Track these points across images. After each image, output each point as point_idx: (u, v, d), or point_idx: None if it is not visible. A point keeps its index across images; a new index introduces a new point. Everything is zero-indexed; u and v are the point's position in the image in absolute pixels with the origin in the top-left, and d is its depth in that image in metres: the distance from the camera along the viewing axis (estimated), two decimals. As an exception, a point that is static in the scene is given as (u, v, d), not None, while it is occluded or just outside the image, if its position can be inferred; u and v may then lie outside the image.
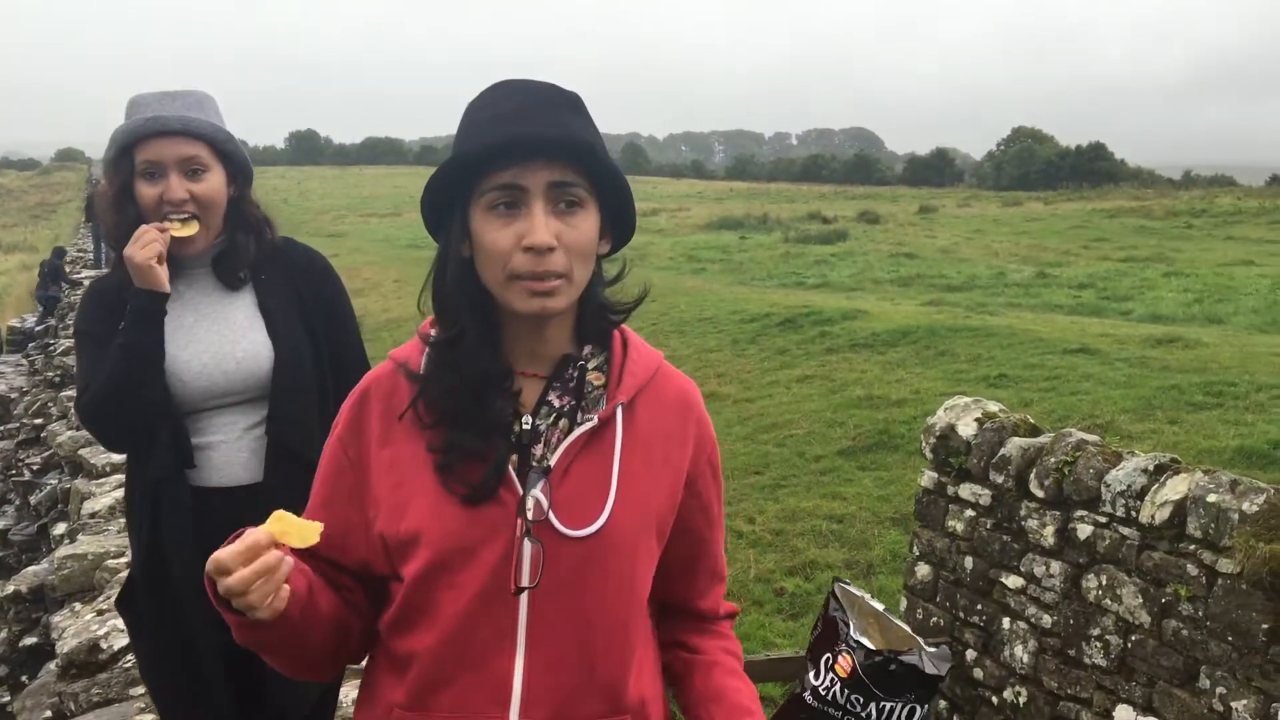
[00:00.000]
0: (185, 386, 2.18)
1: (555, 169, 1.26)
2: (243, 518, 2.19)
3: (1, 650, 5.79)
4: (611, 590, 1.33)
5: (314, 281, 2.37)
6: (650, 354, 1.45)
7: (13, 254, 37.91)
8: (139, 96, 2.18)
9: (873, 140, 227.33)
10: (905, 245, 25.11)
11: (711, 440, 1.48)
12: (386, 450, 1.38)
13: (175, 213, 2.15)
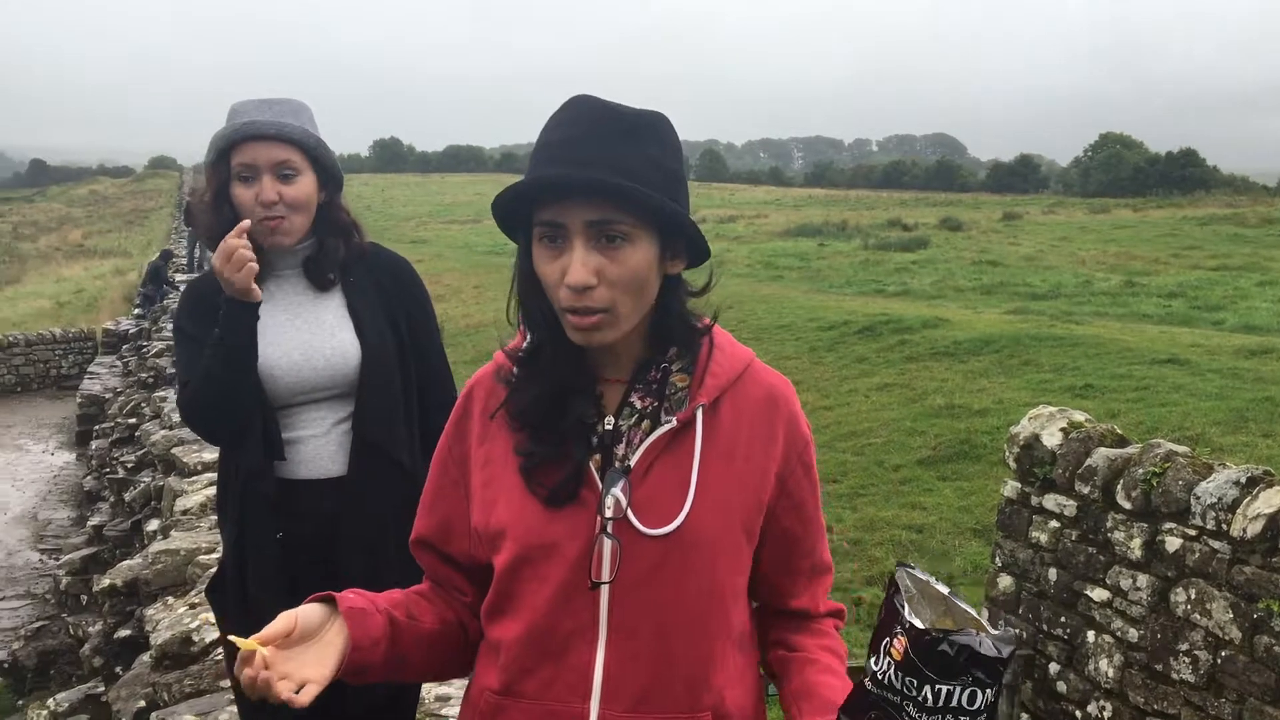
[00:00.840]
0: (276, 382, 2.25)
1: (593, 207, 1.27)
2: (327, 509, 2.27)
3: (97, 642, 5.98)
4: (690, 589, 1.34)
5: (400, 285, 2.44)
6: (738, 354, 1.44)
7: (108, 259, 39.13)
8: (239, 104, 2.26)
9: (955, 146, 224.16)
10: (988, 253, 24.74)
11: (804, 438, 1.45)
12: (484, 447, 1.44)
13: (268, 217, 2.22)
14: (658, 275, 1.34)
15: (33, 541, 11.58)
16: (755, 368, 1.45)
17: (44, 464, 15.36)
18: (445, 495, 1.50)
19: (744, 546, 1.40)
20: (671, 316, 1.39)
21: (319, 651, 1.32)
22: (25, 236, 53.47)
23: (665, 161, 1.32)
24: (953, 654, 1.14)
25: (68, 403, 19.14)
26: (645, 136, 1.31)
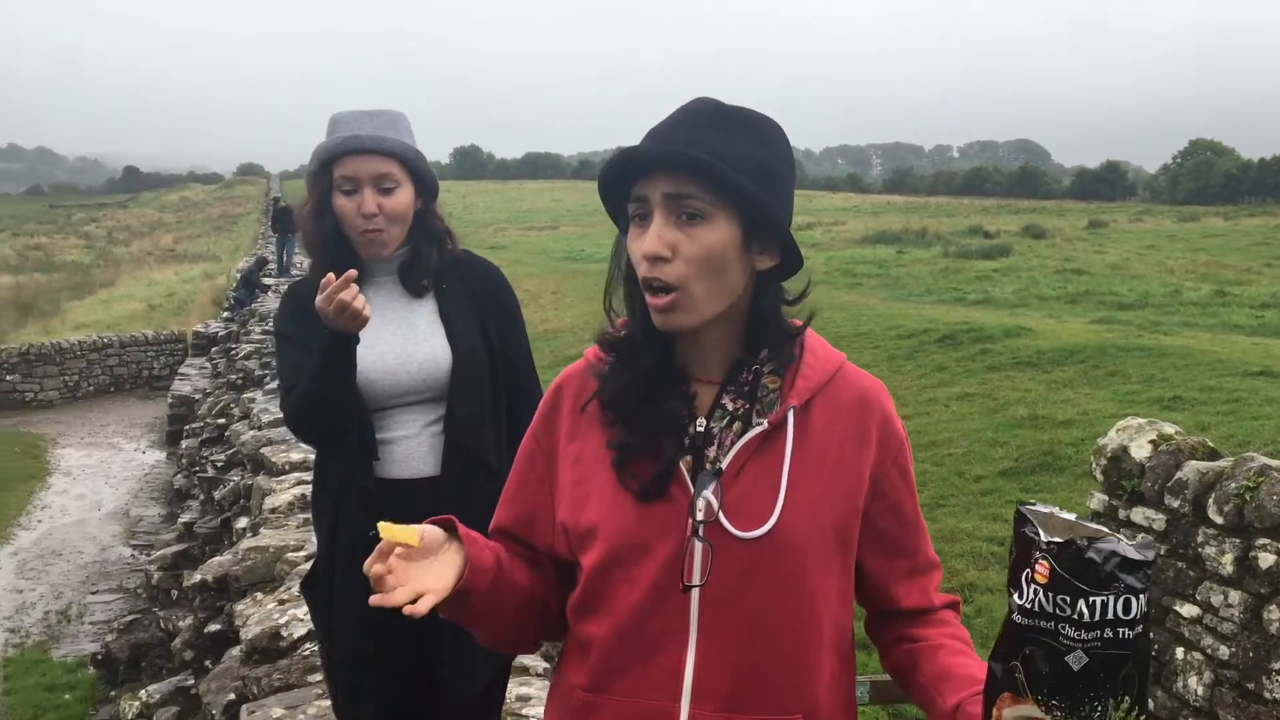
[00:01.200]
0: (371, 385, 2.32)
1: (671, 180, 1.31)
2: (419, 508, 2.33)
3: (188, 636, 6.14)
4: (781, 592, 1.34)
5: (490, 292, 2.49)
6: (830, 357, 1.44)
7: (197, 263, 40.20)
8: (340, 115, 2.33)
9: (1039, 153, 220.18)
10: (1073, 261, 24.27)
11: (899, 440, 1.45)
12: (574, 445, 1.47)
13: (368, 228, 2.30)
14: (740, 265, 1.35)
15: (125, 537, 11.96)
16: (847, 370, 1.45)
17: (136, 462, 15.85)
18: (529, 488, 1.53)
19: (836, 550, 1.39)
20: (763, 317, 1.40)
21: (439, 568, 1.37)
22: (119, 241, 55.22)
23: (759, 154, 1.34)
24: (1100, 560, 1.10)
25: (159, 403, 19.72)
26: (740, 129, 1.35)
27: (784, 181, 1.38)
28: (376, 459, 2.34)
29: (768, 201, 1.32)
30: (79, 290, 34.41)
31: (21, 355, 21.54)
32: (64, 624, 9.36)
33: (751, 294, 1.39)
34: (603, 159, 21.39)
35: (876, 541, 1.44)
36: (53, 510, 13.16)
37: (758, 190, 1.31)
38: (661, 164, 1.32)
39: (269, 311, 16.95)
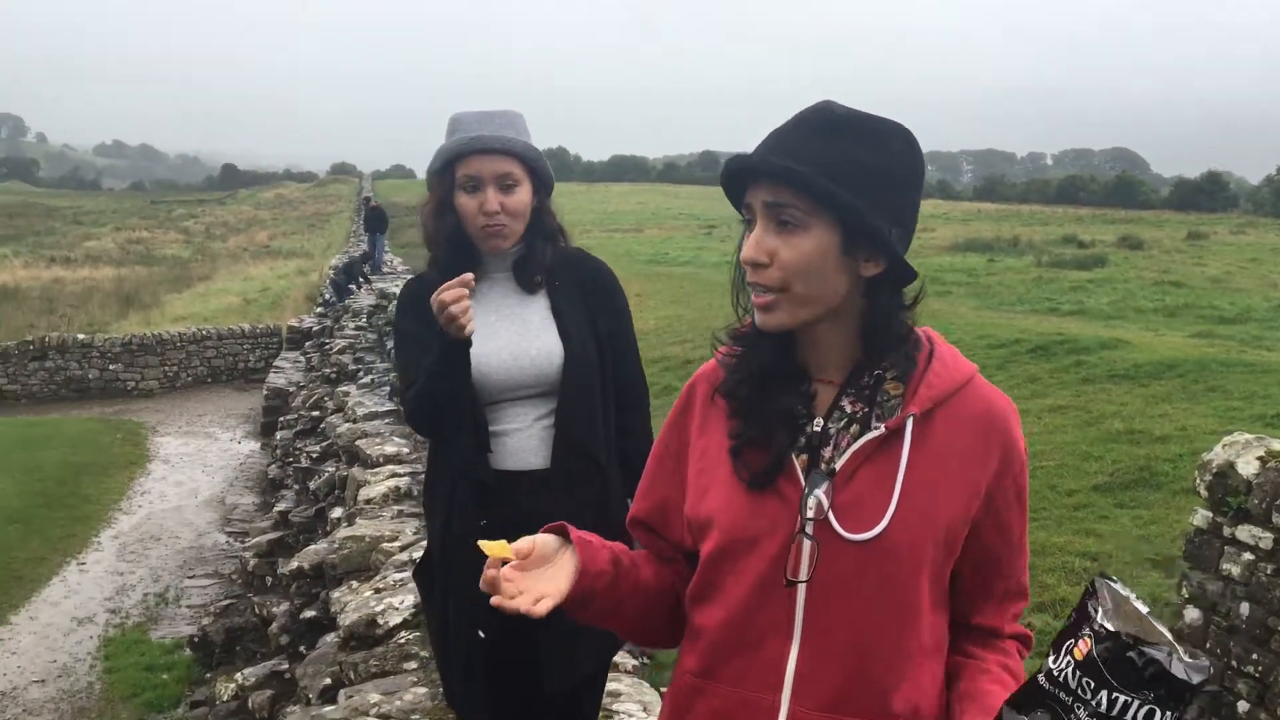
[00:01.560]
0: (485, 380, 2.39)
1: (769, 189, 1.36)
2: (529, 500, 2.39)
3: (284, 621, 6.31)
4: (887, 597, 1.36)
5: (601, 290, 2.54)
6: (960, 368, 1.44)
7: (291, 259, 41.11)
8: (460, 115, 2.40)
9: (1136, 161, 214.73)
10: (1171, 273, 23.62)
11: (1020, 462, 1.44)
12: (702, 439, 1.52)
13: (489, 224, 2.36)
14: (841, 271, 1.37)
15: (220, 524, 12.31)
16: (977, 384, 1.44)
17: (231, 451, 16.29)
18: (662, 481, 1.58)
19: (944, 559, 1.40)
20: (877, 322, 1.41)
21: (554, 573, 1.44)
22: (216, 236, 56.75)
23: (866, 161, 1.34)
24: (1140, 664, 1.08)
25: (254, 394, 20.24)
26: (849, 136, 1.35)
27: (894, 188, 1.37)
28: (490, 452, 2.40)
29: (864, 210, 1.32)
30: (178, 284, 35.42)
31: (124, 345, 22.29)
32: (162, 606, 9.67)
33: (864, 299, 1.40)
34: (688, 162, 21.61)
35: (977, 555, 1.44)
36: (152, 496, 13.59)
37: (853, 199, 1.32)
38: (758, 173, 1.37)
39: (362, 308, 17.30)
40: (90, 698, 7.78)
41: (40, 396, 21.54)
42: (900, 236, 1.38)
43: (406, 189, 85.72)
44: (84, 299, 31.43)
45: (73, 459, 14.97)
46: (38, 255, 44.54)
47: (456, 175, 2.37)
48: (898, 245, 1.37)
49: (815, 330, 1.42)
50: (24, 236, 55.06)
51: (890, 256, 1.37)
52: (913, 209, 1.41)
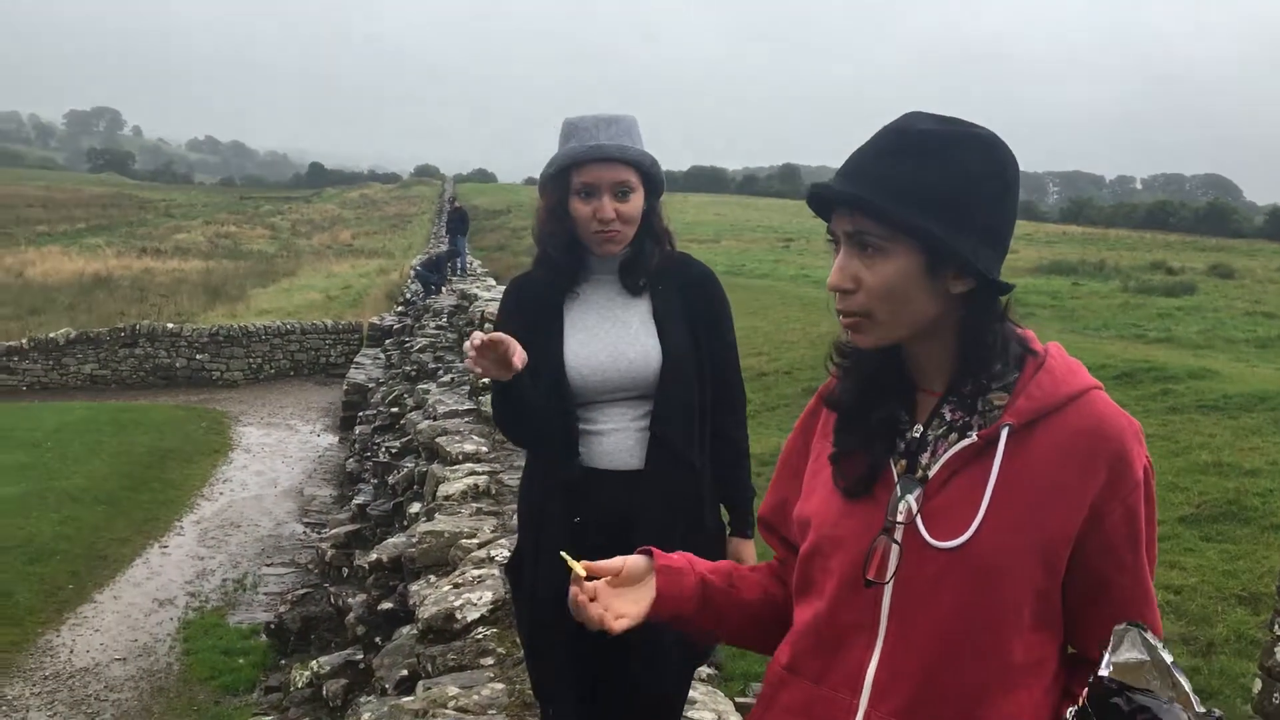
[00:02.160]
0: (584, 381, 2.43)
1: (849, 218, 1.37)
2: (623, 498, 2.41)
3: (360, 612, 6.41)
4: (971, 608, 1.34)
5: (703, 294, 2.57)
6: (1070, 383, 1.39)
7: (373, 259, 41.80)
8: (576, 121, 2.43)
9: (1229, 188, 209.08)
10: (1264, 304, 22.97)
11: (1134, 481, 1.37)
12: (822, 442, 1.55)
13: (603, 230, 2.40)
14: (928, 291, 1.37)
15: (298, 514, 12.55)
16: (1092, 399, 1.39)
17: (311, 444, 16.60)
18: (782, 483, 1.64)
19: (1039, 575, 1.35)
20: (972, 335, 1.40)
21: (636, 594, 1.52)
22: (302, 234, 57.87)
23: (943, 181, 1.34)
24: (1126, 710, 1.09)
25: (334, 389, 20.60)
26: (926, 154, 1.35)
27: (975, 204, 1.36)
28: (577, 456, 2.43)
29: (940, 234, 1.32)
30: (263, 278, 36.19)
31: (211, 336, 22.87)
32: (240, 592, 9.88)
33: (959, 314, 1.40)
34: (768, 174, 21.58)
35: (1083, 579, 1.39)
36: (233, 484, 13.90)
37: (927, 222, 1.32)
38: (836, 201, 1.39)
39: (443, 308, 17.56)
40: (169, 678, 7.99)
41: (130, 382, 22.18)
42: (988, 251, 1.36)
43: (487, 192, 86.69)
44: (173, 289, 32.28)
45: (159, 444, 15.38)
46: (129, 245, 45.82)
47: (572, 181, 2.40)
48: (986, 261, 1.36)
49: (913, 345, 1.43)
50: (117, 227, 56.70)
51: (977, 274, 1.36)
52: (1002, 220, 1.39)
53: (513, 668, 3.89)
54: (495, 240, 43.89)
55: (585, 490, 2.43)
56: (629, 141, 2.40)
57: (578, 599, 1.47)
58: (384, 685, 4.79)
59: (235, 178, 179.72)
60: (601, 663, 2.46)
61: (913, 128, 1.37)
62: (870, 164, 1.36)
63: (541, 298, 2.49)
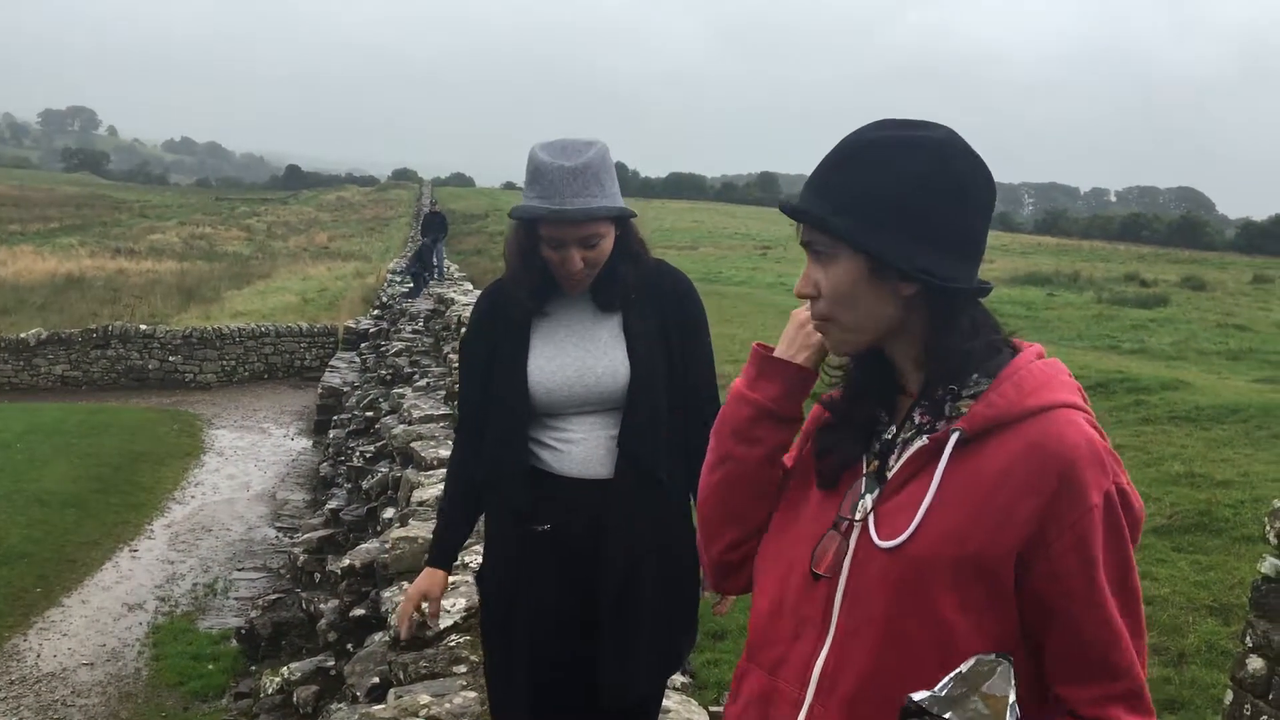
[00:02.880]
0: (551, 395, 2.43)
1: (806, 228, 1.41)
2: (593, 507, 2.41)
3: (332, 618, 6.35)
4: (908, 611, 1.33)
5: (678, 304, 2.56)
6: (1037, 396, 1.34)
7: (349, 262, 41.60)
8: (542, 165, 2.33)
9: (1202, 201, 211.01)
10: (1235, 316, 23.22)
11: (1086, 508, 1.29)
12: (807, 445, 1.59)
13: (571, 277, 2.43)
14: (878, 294, 1.38)
15: (271, 519, 12.45)
16: (1054, 416, 1.33)
17: (284, 448, 16.48)
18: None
19: (976, 588, 1.31)
20: (934, 338, 1.40)
21: None
22: (277, 236, 57.55)
23: (879, 186, 1.35)
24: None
25: (308, 392, 20.48)
26: (864, 163, 1.37)
27: (915, 209, 1.35)
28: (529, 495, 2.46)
29: (866, 239, 1.34)
30: (238, 280, 35.95)
31: (184, 338, 22.69)
32: (210, 597, 9.79)
33: (921, 316, 1.40)
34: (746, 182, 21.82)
35: (1031, 602, 1.33)
36: (205, 487, 13.78)
37: (860, 227, 1.35)
38: (788, 214, 1.44)
39: (419, 312, 17.47)
40: (137, 683, 7.90)
41: (101, 384, 21.97)
42: (934, 254, 1.35)
43: (465, 196, 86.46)
44: (146, 291, 32.01)
45: (130, 447, 15.23)
46: (103, 246, 45.44)
47: (540, 233, 2.39)
48: (930, 264, 1.35)
49: (888, 348, 1.45)
50: (91, 227, 56.20)
51: (918, 278, 1.35)
52: (949, 224, 1.37)
53: (484, 676, 3.86)
54: (473, 244, 43.82)
55: (558, 496, 2.43)
56: (597, 190, 2.34)
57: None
58: (355, 693, 4.74)
59: (211, 179, 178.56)
60: (574, 672, 2.45)
61: (861, 137, 1.39)
62: (819, 175, 1.41)
63: (511, 315, 2.49)
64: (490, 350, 2.51)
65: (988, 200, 1.40)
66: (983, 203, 1.39)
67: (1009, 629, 1.34)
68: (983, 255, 1.44)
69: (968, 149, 1.38)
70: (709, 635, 6.35)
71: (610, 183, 2.39)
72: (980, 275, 1.44)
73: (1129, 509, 1.32)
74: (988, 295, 1.42)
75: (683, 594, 2.56)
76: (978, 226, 1.40)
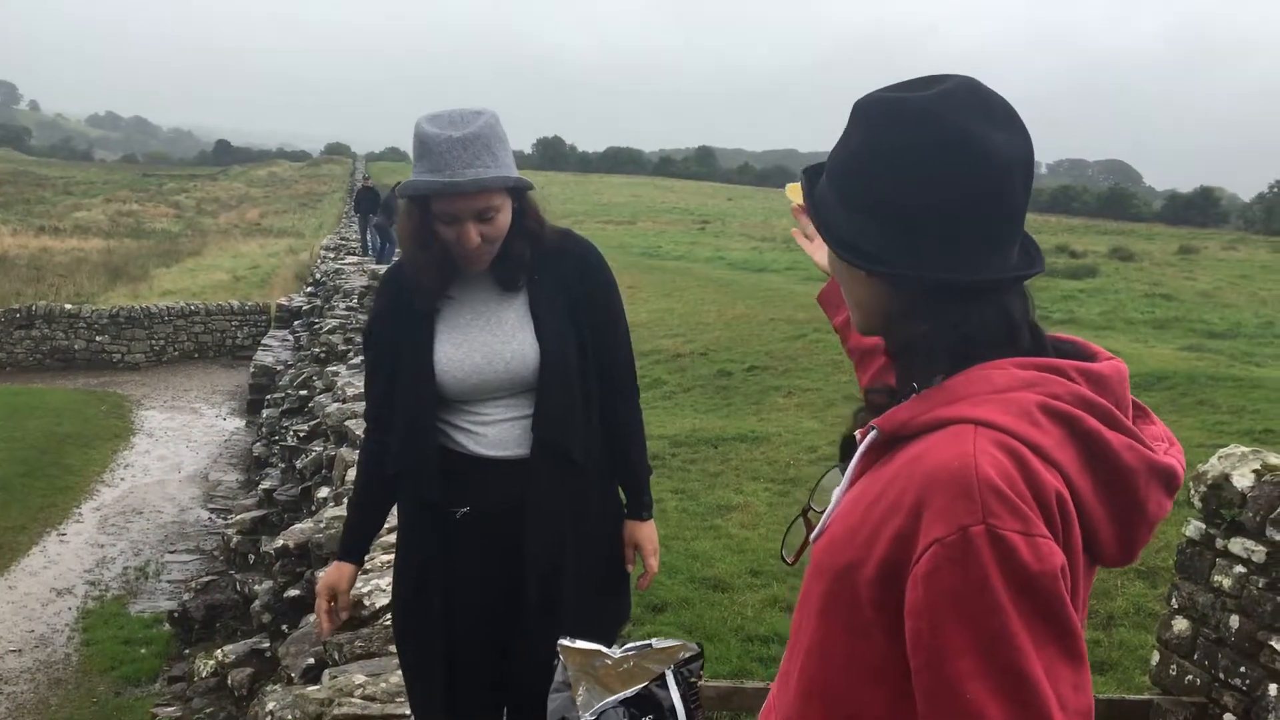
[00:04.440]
0: (460, 384, 2.38)
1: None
2: (514, 484, 2.38)
3: (267, 599, 6.27)
4: (815, 610, 1.22)
5: (585, 278, 2.48)
6: (952, 407, 1.13)
7: (282, 238, 40.94)
8: (427, 136, 2.25)
9: (1130, 174, 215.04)
10: (1162, 286, 23.72)
11: (925, 541, 1.05)
12: None
13: (468, 254, 2.34)
14: (851, 274, 1.26)
15: (203, 500, 12.24)
16: (952, 432, 1.11)
17: (216, 428, 16.21)
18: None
19: (860, 602, 1.14)
20: (893, 326, 1.27)
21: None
22: (207, 212, 56.45)
23: (841, 153, 1.24)
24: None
25: (240, 372, 20.15)
26: (850, 125, 1.25)
27: (869, 179, 1.19)
28: (440, 486, 2.41)
29: (820, 211, 1.24)
30: (167, 258, 35.23)
31: (111, 317, 22.15)
32: (142, 580, 9.62)
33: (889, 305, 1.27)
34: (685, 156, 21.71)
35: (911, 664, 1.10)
36: (135, 470, 13.52)
37: (826, 200, 1.25)
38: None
39: (353, 288, 17.23)
40: (67, 669, 7.74)
41: (25, 365, 21.40)
42: (885, 231, 1.18)
43: (400, 171, 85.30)
44: (72, 269, 31.24)
45: (56, 429, 14.88)
46: (26, 224, 44.21)
47: (433, 209, 2.30)
48: (858, 240, 1.20)
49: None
50: (13, 204, 54.64)
51: (845, 258, 1.22)
52: (912, 197, 1.16)
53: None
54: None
55: (477, 477, 2.40)
56: (489, 159, 2.25)
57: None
58: (290, 674, 4.68)
59: (138, 154, 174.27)
60: (494, 661, 2.45)
61: (861, 100, 1.25)
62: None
63: (412, 302, 2.41)
64: (394, 339, 2.44)
65: (969, 181, 1.15)
66: (961, 183, 1.15)
67: (886, 657, 1.13)
68: (984, 246, 1.18)
69: (953, 120, 1.15)
70: (649, 608, 6.37)
71: (504, 153, 2.30)
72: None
73: (1011, 565, 1.01)
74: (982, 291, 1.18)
75: (608, 570, 2.54)
76: (957, 210, 1.16)
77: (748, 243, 36.06)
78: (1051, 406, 1.11)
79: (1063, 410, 1.11)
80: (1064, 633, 1.03)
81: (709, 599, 6.21)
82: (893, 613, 1.09)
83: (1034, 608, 1.01)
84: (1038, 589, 1.01)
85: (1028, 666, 1.00)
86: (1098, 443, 1.11)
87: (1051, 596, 1.02)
